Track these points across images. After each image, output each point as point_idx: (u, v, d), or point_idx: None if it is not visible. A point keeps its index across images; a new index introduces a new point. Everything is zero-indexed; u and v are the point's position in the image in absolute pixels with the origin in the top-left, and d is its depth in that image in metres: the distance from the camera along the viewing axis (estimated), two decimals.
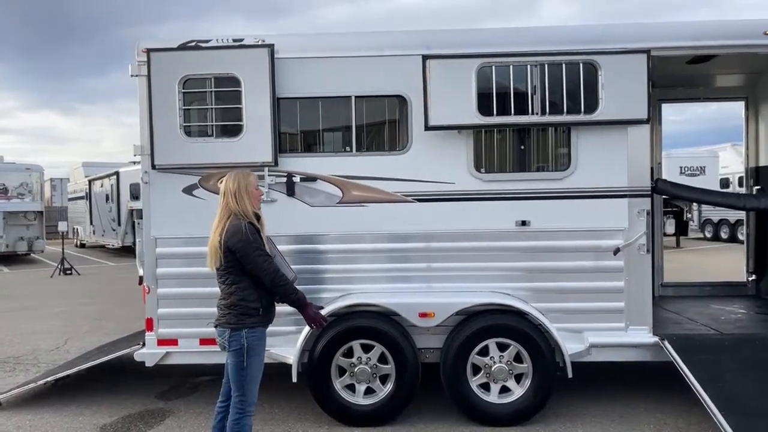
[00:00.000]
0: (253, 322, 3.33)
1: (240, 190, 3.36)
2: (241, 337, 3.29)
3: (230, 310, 3.34)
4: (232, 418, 3.33)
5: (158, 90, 4.54)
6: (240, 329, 3.30)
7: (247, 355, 3.29)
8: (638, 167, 4.55)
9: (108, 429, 4.53)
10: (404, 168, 4.61)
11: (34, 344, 7.36)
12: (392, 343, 4.42)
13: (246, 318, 3.32)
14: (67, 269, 14.97)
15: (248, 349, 3.29)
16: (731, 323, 5.08)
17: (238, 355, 3.29)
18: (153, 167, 4.61)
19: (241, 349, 3.29)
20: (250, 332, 3.31)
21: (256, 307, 3.34)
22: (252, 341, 3.31)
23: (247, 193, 3.39)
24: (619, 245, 4.51)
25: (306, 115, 4.68)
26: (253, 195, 3.43)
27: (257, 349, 3.34)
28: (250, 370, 3.31)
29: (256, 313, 3.34)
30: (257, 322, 3.35)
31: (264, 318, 3.40)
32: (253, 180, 3.46)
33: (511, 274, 4.59)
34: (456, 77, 4.43)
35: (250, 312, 3.33)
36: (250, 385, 3.33)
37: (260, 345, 3.36)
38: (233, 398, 3.35)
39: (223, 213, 3.37)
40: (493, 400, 4.43)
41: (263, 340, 3.39)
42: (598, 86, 4.42)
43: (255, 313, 3.34)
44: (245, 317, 3.32)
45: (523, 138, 4.63)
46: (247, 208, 3.36)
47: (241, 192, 3.36)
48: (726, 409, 3.79)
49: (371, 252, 4.62)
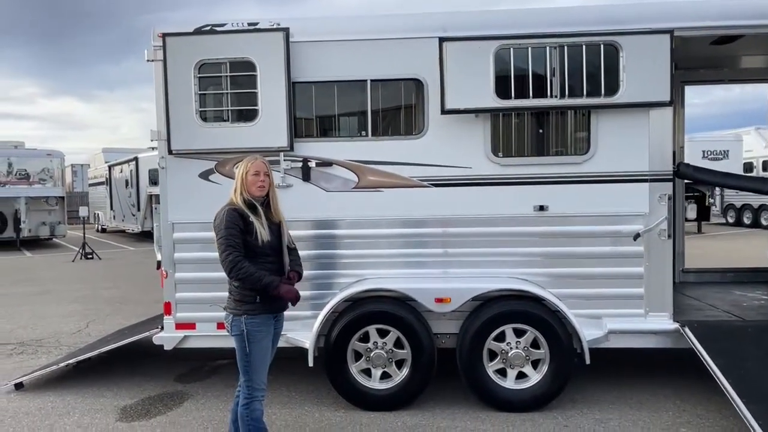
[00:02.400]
0: (251, 309, 3.25)
1: (238, 178, 3.32)
2: (241, 323, 3.24)
3: (230, 296, 3.33)
4: (242, 403, 3.32)
5: (174, 75, 4.53)
6: (239, 315, 3.26)
7: (248, 342, 3.24)
8: (660, 151, 4.46)
9: (128, 410, 4.60)
10: (420, 153, 4.57)
11: (56, 327, 7.49)
12: (408, 328, 4.41)
13: (242, 305, 3.26)
14: (89, 254, 15.20)
15: (248, 336, 3.24)
16: (754, 309, 4.99)
17: (240, 340, 3.26)
18: (170, 152, 4.62)
19: (241, 335, 3.25)
20: (250, 319, 3.24)
21: (251, 294, 3.25)
22: (252, 327, 3.24)
23: (241, 179, 3.32)
24: (640, 231, 4.44)
25: (321, 99, 4.64)
26: (248, 182, 3.30)
27: (258, 336, 3.26)
28: (253, 356, 3.26)
29: (253, 300, 3.25)
30: (256, 309, 3.26)
31: (264, 306, 3.28)
32: (253, 166, 3.32)
33: (528, 260, 4.55)
34: (473, 60, 4.36)
35: (245, 299, 3.26)
36: (256, 371, 3.29)
37: (262, 332, 3.28)
38: (241, 383, 3.34)
39: (229, 199, 3.36)
40: (510, 386, 4.41)
41: (265, 326, 3.30)
42: (619, 68, 4.32)
43: (251, 300, 3.25)
44: (242, 303, 3.26)
45: (541, 121, 4.55)
46: (236, 195, 3.30)
47: (239, 179, 3.32)
48: (747, 396, 3.73)
49: (387, 237, 4.61)
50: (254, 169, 3.33)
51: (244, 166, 3.36)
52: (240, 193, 3.32)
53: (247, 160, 3.37)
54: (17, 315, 8.36)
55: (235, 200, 3.32)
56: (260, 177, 3.33)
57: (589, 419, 4.27)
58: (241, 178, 3.34)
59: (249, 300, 3.26)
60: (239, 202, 3.30)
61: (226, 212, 3.24)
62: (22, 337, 7.06)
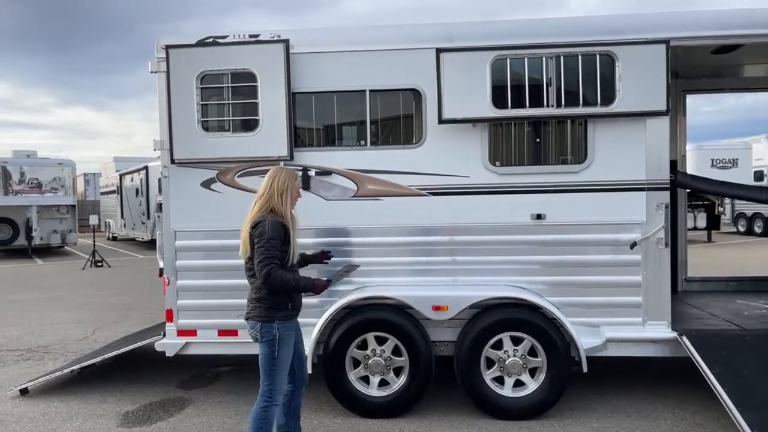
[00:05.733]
0: (284, 315, 3.40)
1: (288, 191, 3.45)
2: (273, 328, 3.36)
3: (260, 304, 3.39)
4: (260, 405, 3.41)
5: (177, 85, 4.63)
6: (272, 321, 3.37)
7: (279, 346, 3.37)
8: (657, 160, 4.47)
9: (130, 416, 4.66)
10: (419, 162, 4.62)
11: (63, 334, 7.59)
12: (406, 336, 4.44)
13: (276, 311, 3.38)
14: (98, 261, 15.36)
15: (280, 340, 3.37)
16: (754, 318, 4.97)
17: (271, 345, 3.37)
18: (172, 161, 4.71)
19: (273, 340, 3.36)
20: (282, 323, 3.39)
21: (285, 300, 3.40)
22: (283, 332, 3.38)
23: (290, 194, 3.48)
24: (637, 239, 4.45)
25: (321, 109, 4.71)
26: (295, 197, 3.53)
27: (288, 340, 3.42)
28: (280, 360, 3.39)
29: (285, 306, 3.40)
30: (287, 315, 3.42)
31: (293, 311, 3.46)
32: (298, 184, 3.57)
33: (526, 268, 4.57)
34: (470, 70, 4.41)
35: (279, 305, 3.38)
36: (280, 375, 3.41)
37: (291, 335, 3.45)
38: (262, 387, 3.43)
39: (263, 206, 3.42)
40: (507, 393, 4.42)
41: (293, 330, 3.47)
42: (616, 78, 4.35)
43: (284, 307, 3.40)
44: (275, 311, 3.38)
45: (538, 131, 4.59)
46: (287, 209, 3.45)
47: (288, 192, 3.46)
48: (743, 405, 3.73)
49: (385, 245, 4.65)
50: (299, 186, 3.56)
51: (292, 181, 3.49)
52: (290, 208, 3.48)
53: (289, 175, 3.50)
54: (26, 321, 8.48)
55: (285, 215, 3.43)
56: (300, 194, 3.59)
57: (587, 428, 4.27)
58: (291, 194, 3.48)
59: (283, 306, 3.40)
60: (288, 217, 3.43)
61: (271, 223, 3.33)
62: (30, 343, 7.16)
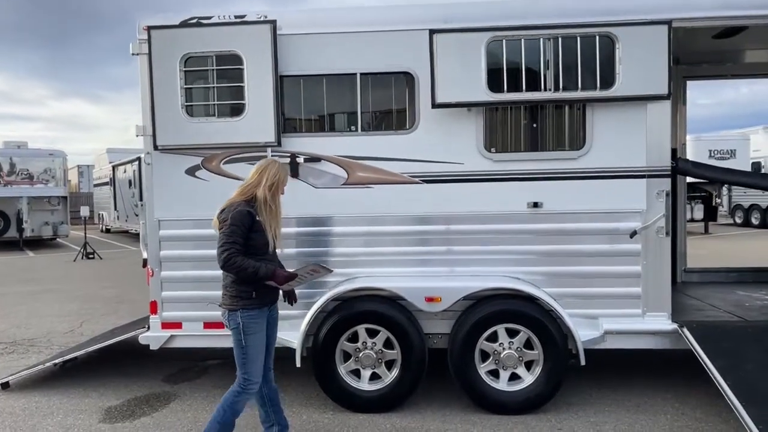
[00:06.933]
0: (247, 304, 3.32)
1: (277, 185, 3.39)
2: (237, 316, 3.30)
3: (226, 291, 3.37)
4: (235, 389, 3.38)
5: (159, 68, 4.44)
6: (236, 310, 3.31)
7: (245, 334, 3.30)
8: (658, 146, 4.32)
9: (113, 411, 4.51)
10: (411, 148, 4.46)
11: (49, 327, 7.42)
12: (398, 328, 4.29)
13: (238, 300, 3.32)
14: (90, 253, 15.18)
15: (245, 328, 3.30)
16: (756, 310, 4.84)
17: (237, 333, 3.32)
18: (155, 148, 4.53)
19: (238, 328, 3.30)
20: (246, 312, 3.31)
21: (248, 289, 3.31)
22: (247, 320, 3.30)
23: (278, 189, 3.42)
24: (637, 228, 4.30)
25: (310, 93, 4.54)
26: (281, 183, 3.44)
27: (254, 328, 3.33)
28: (249, 349, 3.32)
29: (249, 296, 3.32)
30: (252, 304, 3.33)
31: (259, 300, 3.35)
32: (286, 171, 3.53)
33: (522, 258, 4.43)
34: (464, 52, 4.24)
35: (242, 294, 3.32)
36: (253, 363, 3.36)
37: (258, 324, 3.36)
38: (238, 375, 3.38)
39: (242, 193, 3.35)
40: (502, 387, 4.29)
41: (260, 319, 3.37)
42: (615, 60, 4.19)
43: (247, 296, 3.32)
44: (237, 299, 3.32)
45: (535, 116, 4.43)
46: (270, 202, 3.35)
47: (277, 187, 3.39)
48: (747, 400, 3.59)
49: (377, 235, 4.49)
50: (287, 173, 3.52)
51: (284, 176, 3.46)
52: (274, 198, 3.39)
53: (282, 169, 3.46)
54: (13, 314, 8.31)
55: (262, 202, 3.33)
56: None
57: (584, 422, 4.13)
58: (279, 189, 3.41)
59: (246, 296, 3.31)
60: (266, 205, 3.32)
61: (238, 210, 3.26)
62: (14, 336, 6.99)
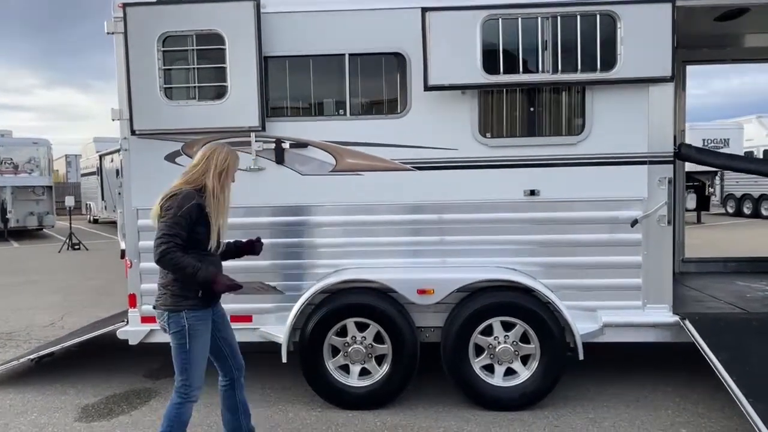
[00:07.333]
0: (192, 304, 2.97)
1: (227, 171, 3.06)
2: (181, 318, 2.94)
3: (166, 291, 2.98)
4: (174, 401, 3.05)
5: (136, 48, 4.19)
6: (179, 310, 2.95)
7: (190, 337, 2.95)
8: (660, 131, 4.14)
9: (90, 409, 4.30)
10: (403, 133, 4.25)
11: (30, 320, 7.18)
12: (389, 322, 4.11)
13: (182, 300, 2.96)
14: (75, 244, 14.90)
15: (190, 331, 2.95)
16: (758, 301, 4.70)
17: (180, 337, 2.96)
18: (132, 133, 4.29)
19: (182, 331, 2.95)
20: (191, 312, 2.96)
21: (194, 289, 2.96)
22: (193, 322, 2.96)
23: (229, 175, 3.09)
24: (638, 216, 4.13)
25: (296, 75, 4.31)
26: (231, 180, 3.13)
27: (200, 330, 2.99)
28: (193, 353, 2.97)
29: (195, 294, 2.97)
30: (197, 305, 2.98)
31: (205, 300, 3.01)
32: (238, 165, 3.19)
33: (518, 248, 4.24)
34: (459, 32, 4.02)
35: (186, 293, 2.96)
36: (196, 368, 3.00)
37: (204, 325, 3.02)
38: (176, 382, 3.04)
39: (189, 180, 3.02)
40: (498, 383, 4.12)
41: (206, 319, 3.04)
42: (617, 40, 3.99)
43: (193, 295, 2.96)
44: (181, 299, 2.96)
45: (532, 99, 4.23)
46: (221, 191, 3.03)
47: (227, 173, 3.06)
48: (754, 396, 3.44)
49: (367, 224, 4.29)
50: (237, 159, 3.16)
51: (234, 161, 3.12)
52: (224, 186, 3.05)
53: (231, 153, 3.11)
54: None
55: (211, 191, 2.99)
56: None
57: (583, 418, 3.98)
58: (228, 175, 3.08)
59: (192, 294, 2.97)
60: (215, 194, 3.00)
61: (185, 198, 2.93)
62: None
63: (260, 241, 3.41)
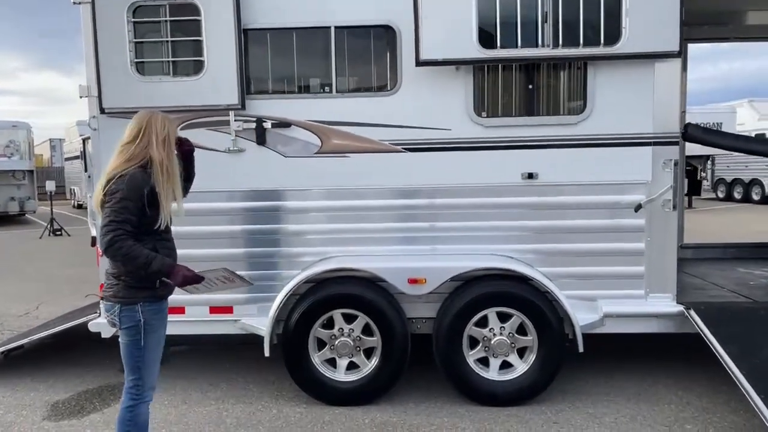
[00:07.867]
0: (148, 296, 2.69)
1: (170, 139, 2.72)
2: (136, 312, 2.66)
3: (119, 282, 2.68)
4: (126, 404, 2.75)
5: (104, 19, 3.88)
6: (134, 303, 2.67)
7: (145, 333, 2.67)
8: (666, 110, 3.90)
9: (60, 406, 4.05)
10: (393, 112, 3.98)
11: (3, 309, 6.89)
12: (378, 313, 3.87)
13: (138, 291, 2.67)
14: (57, 230, 14.51)
15: (145, 326, 2.67)
16: (762, 289, 4.52)
17: (134, 332, 2.67)
18: (102, 111, 3.99)
19: (137, 326, 2.66)
20: (148, 306, 2.69)
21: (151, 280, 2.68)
22: (150, 316, 2.69)
23: (172, 144, 2.75)
24: (641, 201, 3.91)
25: (278, 49, 4.02)
26: (171, 137, 2.77)
27: (156, 325, 2.73)
28: (147, 350, 2.70)
29: (152, 285, 2.69)
30: (154, 296, 2.72)
31: (163, 290, 2.76)
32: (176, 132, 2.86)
33: (515, 235, 4.01)
34: (453, 3, 3.75)
35: (144, 284, 2.68)
36: (150, 366, 2.73)
37: (160, 320, 2.76)
38: (127, 382, 2.75)
39: (133, 156, 2.65)
40: (493, 376, 3.91)
41: (162, 312, 2.79)
42: (622, 13, 3.73)
43: (150, 285, 2.69)
44: (137, 290, 2.67)
45: (531, 76, 3.97)
46: (171, 160, 2.71)
47: (170, 142, 2.73)
48: (764, 390, 3.25)
49: (354, 209, 4.03)
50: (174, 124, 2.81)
51: (172, 127, 2.77)
52: (171, 155, 2.72)
53: (166, 119, 2.75)
54: None
55: (163, 163, 2.66)
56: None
57: (582, 414, 3.78)
58: (171, 136, 2.74)
59: (149, 285, 2.68)
60: (168, 165, 2.68)
61: (132, 178, 2.60)
62: None
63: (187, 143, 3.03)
